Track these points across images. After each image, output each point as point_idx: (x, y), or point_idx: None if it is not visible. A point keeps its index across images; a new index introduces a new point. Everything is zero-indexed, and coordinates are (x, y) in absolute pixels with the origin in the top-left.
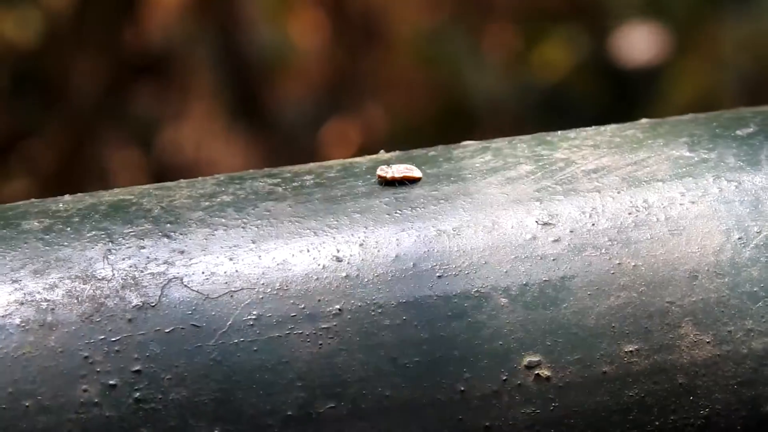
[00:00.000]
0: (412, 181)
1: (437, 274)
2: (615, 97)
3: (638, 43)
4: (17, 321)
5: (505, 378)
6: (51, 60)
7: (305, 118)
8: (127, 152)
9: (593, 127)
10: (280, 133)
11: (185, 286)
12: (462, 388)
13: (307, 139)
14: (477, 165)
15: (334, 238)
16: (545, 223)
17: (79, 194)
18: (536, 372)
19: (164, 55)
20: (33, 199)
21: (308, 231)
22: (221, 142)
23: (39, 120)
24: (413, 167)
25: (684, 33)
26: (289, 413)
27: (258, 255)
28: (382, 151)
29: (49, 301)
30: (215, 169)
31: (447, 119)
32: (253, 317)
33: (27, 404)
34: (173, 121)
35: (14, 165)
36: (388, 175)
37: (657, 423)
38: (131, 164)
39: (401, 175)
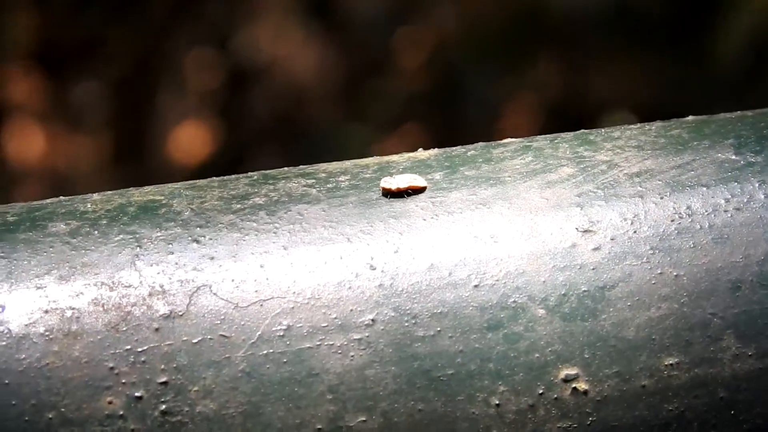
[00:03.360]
0: (417, 191)
1: (473, 284)
2: (690, 6)
3: None
4: (41, 330)
5: (541, 392)
6: None
7: (379, 19)
8: (201, 52)
9: (638, 125)
10: (354, 34)
11: (214, 294)
12: (497, 402)
13: (380, 40)
14: (517, 166)
15: (368, 244)
16: (586, 230)
17: (108, 193)
18: (573, 385)
19: None
20: (61, 197)
21: (341, 237)
22: (296, 41)
23: (113, 21)
24: (417, 176)
25: None
26: (319, 427)
27: (290, 262)
28: (420, 149)
29: (74, 309)
30: (290, 68)
31: (520, 25)
32: (284, 327)
33: (50, 416)
34: (247, 20)
35: (89, 67)
36: (393, 187)
37: None
38: (205, 65)
39: (406, 186)
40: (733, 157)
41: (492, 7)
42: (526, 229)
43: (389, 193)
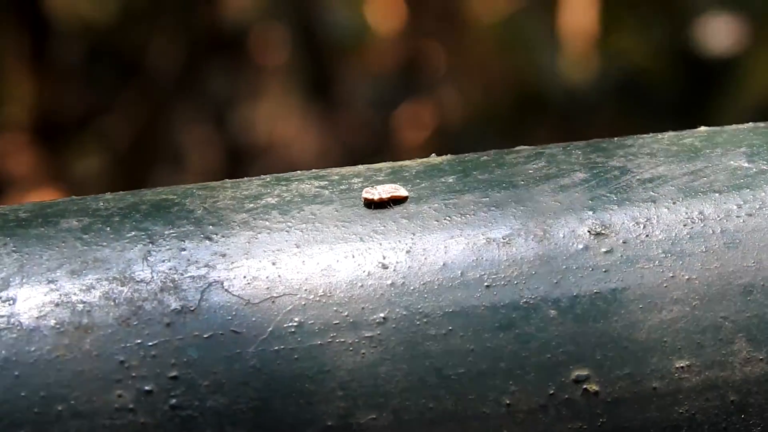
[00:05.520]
0: (398, 201)
1: (485, 284)
2: (691, 85)
3: (716, 32)
4: (52, 323)
5: (552, 392)
6: (127, 36)
7: (379, 100)
8: (201, 129)
9: (650, 134)
10: (355, 113)
11: (226, 290)
12: (508, 402)
13: (380, 120)
14: (530, 171)
15: (380, 244)
16: (598, 233)
17: (121, 192)
18: (584, 386)
19: (239, 32)
20: (73, 197)
21: (354, 236)
22: (295, 121)
23: (114, 96)
24: (399, 187)
25: (762, 23)
26: (329, 423)
27: (302, 260)
28: (433, 154)
29: (85, 302)
30: (289, 148)
31: (522, 105)
32: (295, 324)
33: (60, 408)
34: (248, 99)
35: (88, 140)
36: (375, 197)
37: None
38: (205, 141)
39: (388, 196)
40: (746, 164)
41: (494, 85)
42: (538, 231)
43: (372, 204)
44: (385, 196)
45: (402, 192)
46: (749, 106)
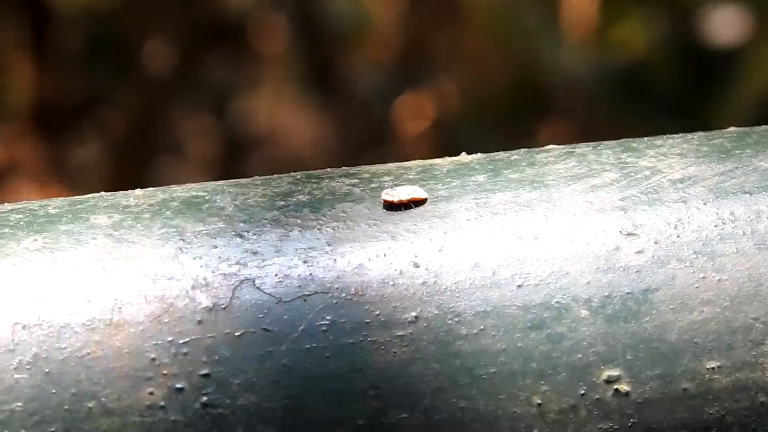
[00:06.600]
0: (417, 203)
1: (517, 283)
2: (693, 78)
3: (718, 24)
4: (83, 320)
5: (583, 392)
6: (126, 25)
7: (379, 89)
8: (199, 119)
9: (680, 134)
10: (354, 103)
11: (257, 288)
12: (539, 402)
13: (380, 110)
14: (561, 171)
15: (412, 242)
16: (629, 234)
17: (150, 189)
18: (615, 387)
19: (239, 22)
20: (103, 193)
21: (386, 235)
22: (294, 111)
23: (113, 85)
24: (417, 188)
25: (765, 16)
26: (360, 422)
27: (333, 258)
28: (463, 153)
29: (116, 299)
30: (288, 137)
31: (522, 95)
32: (327, 322)
33: (90, 406)
34: (247, 89)
35: (87, 129)
36: (395, 199)
37: None
38: (204, 131)
39: (408, 198)
40: None
41: (494, 75)
42: (569, 231)
43: (391, 206)
44: (404, 198)
45: (421, 194)
46: (751, 98)
